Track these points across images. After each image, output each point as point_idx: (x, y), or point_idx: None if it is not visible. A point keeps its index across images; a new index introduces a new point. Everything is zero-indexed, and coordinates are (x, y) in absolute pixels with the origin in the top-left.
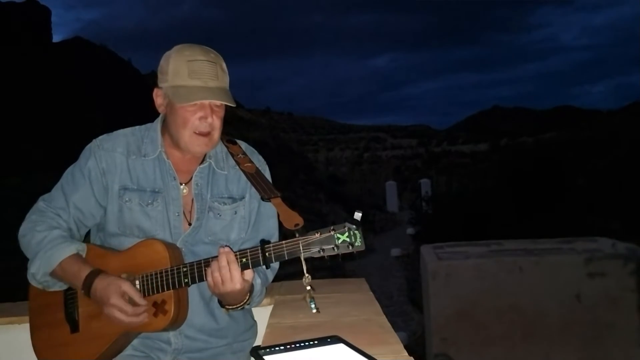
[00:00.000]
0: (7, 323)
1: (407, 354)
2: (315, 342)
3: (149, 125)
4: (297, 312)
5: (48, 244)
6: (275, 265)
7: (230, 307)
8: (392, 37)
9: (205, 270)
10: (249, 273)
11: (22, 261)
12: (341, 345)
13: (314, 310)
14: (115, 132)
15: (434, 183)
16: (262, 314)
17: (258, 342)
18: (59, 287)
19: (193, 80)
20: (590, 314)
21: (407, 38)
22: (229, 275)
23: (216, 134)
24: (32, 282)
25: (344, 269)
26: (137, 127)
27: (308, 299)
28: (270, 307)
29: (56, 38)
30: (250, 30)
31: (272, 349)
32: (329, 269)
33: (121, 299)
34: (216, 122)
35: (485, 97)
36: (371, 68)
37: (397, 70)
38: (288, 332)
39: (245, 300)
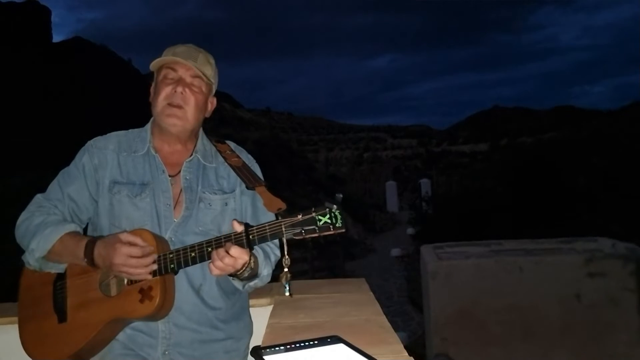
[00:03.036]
0: (7, 323)
1: (407, 354)
2: (315, 342)
3: (142, 128)
4: (297, 312)
5: (47, 223)
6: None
7: (240, 274)
8: (392, 38)
9: (209, 251)
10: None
11: (21, 261)
12: (341, 345)
13: (287, 294)
14: (109, 134)
15: (434, 183)
16: (262, 314)
17: (257, 342)
18: (55, 268)
19: (175, 58)
20: (590, 314)
21: (407, 38)
22: (233, 261)
23: (189, 110)
24: (30, 261)
25: (344, 269)
26: (131, 129)
27: (284, 281)
28: (270, 307)
29: (58, 38)
30: (251, 31)
31: (272, 349)
32: (329, 269)
33: (126, 245)
34: (190, 97)
35: (485, 97)
36: (371, 68)
37: (397, 71)
38: (288, 332)
39: (247, 262)
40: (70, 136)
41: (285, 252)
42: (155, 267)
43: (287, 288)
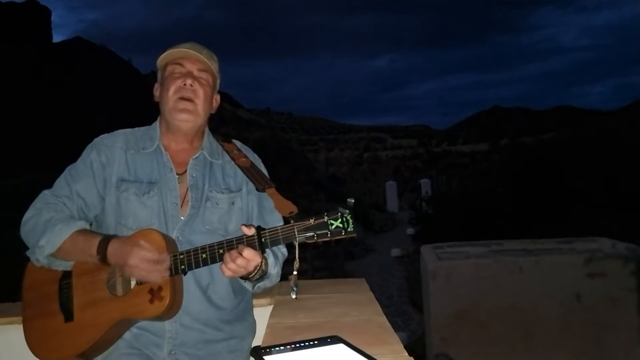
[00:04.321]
0: (7, 323)
1: (407, 354)
2: (315, 342)
3: (149, 126)
4: (297, 312)
5: (57, 220)
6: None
7: (251, 276)
8: (392, 38)
9: (220, 253)
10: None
11: (23, 261)
12: (341, 345)
13: (294, 296)
14: (116, 131)
15: (434, 183)
16: (262, 314)
17: (257, 342)
18: (63, 265)
19: (183, 50)
20: (590, 314)
21: (407, 38)
22: (245, 261)
23: (200, 103)
24: (39, 258)
25: (344, 269)
26: (138, 127)
27: (292, 284)
28: (270, 307)
29: (59, 39)
30: (252, 31)
31: (272, 349)
32: (329, 269)
33: (141, 248)
34: (199, 90)
35: (485, 97)
36: (372, 68)
37: (397, 71)
38: (288, 332)
39: (259, 265)
40: (70, 136)
41: (297, 256)
42: (167, 274)
43: (295, 290)
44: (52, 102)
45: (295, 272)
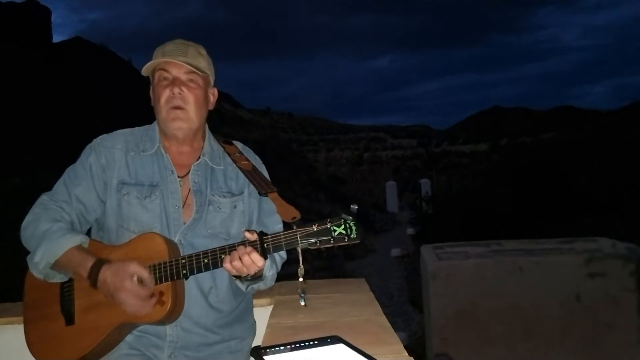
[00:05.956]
0: (7, 323)
1: (407, 354)
2: (315, 342)
3: (148, 126)
4: (297, 312)
5: (53, 234)
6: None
7: (244, 276)
8: (392, 38)
9: (222, 258)
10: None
11: (23, 261)
12: (341, 345)
13: (302, 303)
14: (115, 132)
15: (434, 183)
16: (262, 314)
17: (258, 342)
18: (59, 278)
19: (165, 58)
20: (590, 314)
21: (407, 39)
22: (250, 261)
23: (191, 109)
24: (34, 272)
25: (344, 269)
26: (137, 127)
27: (299, 291)
28: (270, 307)
29: (60, 39)
30: (252, 32)
31: (272, 349)
32: (329, 269)
33: (134, 283)
34: (189, 96)
35: (485, 97)
36: (372, 68)
37: (397, 71)
38: (288, 332)
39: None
40: (70, 136)
41: (301, 263)
42: (152, 306)
43: (303, 297)
44: (52, 102)
45: (301, 279)
